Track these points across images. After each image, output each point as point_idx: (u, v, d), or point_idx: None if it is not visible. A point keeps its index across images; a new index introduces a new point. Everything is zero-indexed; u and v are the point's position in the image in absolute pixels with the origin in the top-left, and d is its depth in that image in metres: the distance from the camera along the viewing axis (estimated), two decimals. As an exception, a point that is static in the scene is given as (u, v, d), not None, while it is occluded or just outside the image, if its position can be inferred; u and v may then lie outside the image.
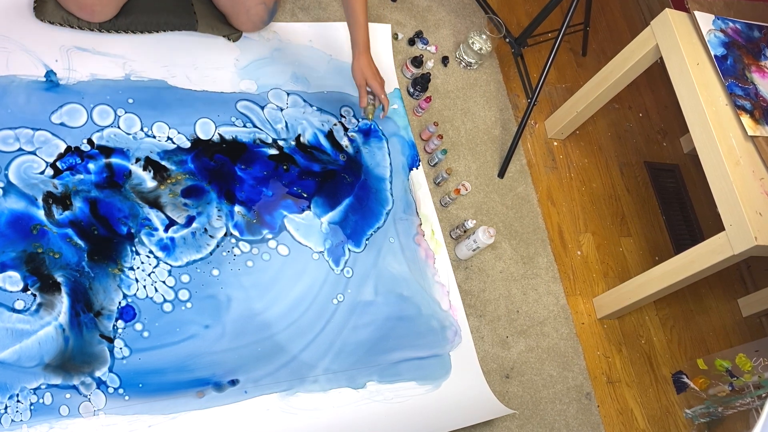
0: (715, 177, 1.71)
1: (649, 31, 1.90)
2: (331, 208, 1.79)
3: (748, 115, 1.78)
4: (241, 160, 1.72)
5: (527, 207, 2.15)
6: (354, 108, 1.95)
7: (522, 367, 1.90)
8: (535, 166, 2.26)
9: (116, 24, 1.68)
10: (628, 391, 2.05)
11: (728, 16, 1.94)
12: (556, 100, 2.43)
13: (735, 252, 1.66)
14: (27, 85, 1.54)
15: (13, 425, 1.28)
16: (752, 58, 1.91)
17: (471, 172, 2.11)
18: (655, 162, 2.53)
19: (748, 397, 1.91)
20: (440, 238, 1.92)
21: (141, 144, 1.62)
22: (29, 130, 1.51)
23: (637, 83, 2.47)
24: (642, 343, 2.16)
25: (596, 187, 2.35)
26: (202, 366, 1.49)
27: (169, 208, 1.59)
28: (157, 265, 1.53)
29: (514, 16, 2.52)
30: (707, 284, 2.36)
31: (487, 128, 2.21)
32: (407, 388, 1.69)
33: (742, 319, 2.38)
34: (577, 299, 2.11)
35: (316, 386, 1.59)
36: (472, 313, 1.89)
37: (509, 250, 2.05)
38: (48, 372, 1.35)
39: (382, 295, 1.75)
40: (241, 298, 1.58)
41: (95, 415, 1.35)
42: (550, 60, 2.10)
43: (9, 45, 1.55)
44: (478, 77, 2.28)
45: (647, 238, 2.36)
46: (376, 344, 1.69)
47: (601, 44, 2.69)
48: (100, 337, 1.41)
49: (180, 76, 1.73)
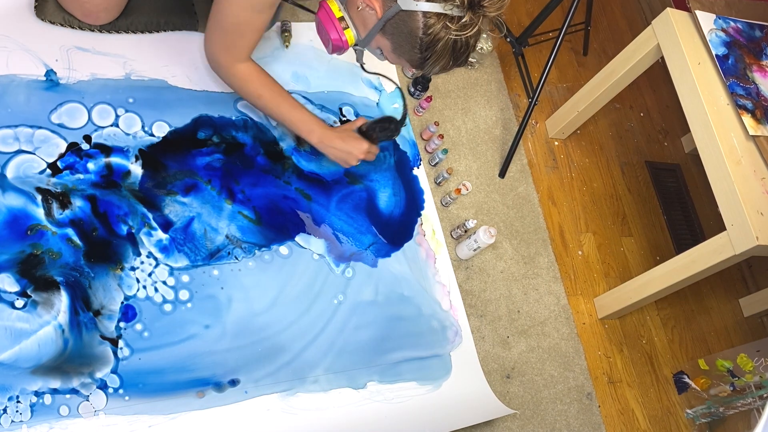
0: (716, 177, 1.71)
1: (650, 30, 1.90)
2: (331, 209, 1.78)
3: (750, 114, 1.78)
4: (242, 159, 1.72)
5: (528, 207, 2.15)
6: (355, 107, 1.95)
7: (523, 367, 1.90)
8: (536, 165, 2.25)
9: (117, 24, 1.68)
10: (629, 391, 2.05)
11: (729, 15, 1.94)
12: (557, 100, 2.42)
13: (736, 252, 1.65)
14: (27, 84, 1.54)
15: (12, 425, 1.28)
16: (753, 58, 1.90)
17: (472, 171, 2.10)
18: (656, 162, 2.53)
19: (750, 397, 1.91)
20: (441, 238, 1.92)
21: (141, 143, 1.62)
22: (29, 129, 1.51)
23: (638, 83, 2.46)
24: (643, 343, 2.15)
25: (597, 186, 2.35)
26: (203, 366, 1.49)
27: (169, 208, 1.59)
28: (156, 265, 1.52)
29: (514, 16, 2.51)
30: (708, 284, 2.35)
31: (488, 128, 2.21)
32: (408, 388, 1.69)
33: (744, 319, 2.38)
34: (578, 299, 2.11)
35: (316, 386, 1.59)
36: (472, 313, 1.89)
37: (510, 249, 2.05)
38: (48, 374, 1.34)
39: (382, 295, 1.75)
40: (242, 298, 1.58)
41: (95, 416, 1.35)
42: (551, 59, 2.10)
43: (9, 44, 1.55)
44: (479, 77, 2.28)
45: (648, 238, 2.35)
46: (376, 344, 1.69)
47: (602, 44, 2.69)
48: (101, 338, 1.41)
49: (180, 75, 1.73)
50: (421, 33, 1.31)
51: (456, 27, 1.29)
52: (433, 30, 1.30)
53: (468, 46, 1.35)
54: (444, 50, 1.32)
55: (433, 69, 1.38)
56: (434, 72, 1.40)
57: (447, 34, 1.30)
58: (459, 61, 1.38)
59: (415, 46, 1.33)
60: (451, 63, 1.37)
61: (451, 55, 1.34)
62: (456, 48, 1.33)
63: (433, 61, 1.35)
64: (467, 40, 1.33)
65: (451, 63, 1.37)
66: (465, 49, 1.35)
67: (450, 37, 1.31)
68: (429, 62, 1.35)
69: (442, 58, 1.34)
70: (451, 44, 1.32)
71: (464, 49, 1.35)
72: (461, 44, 1.33)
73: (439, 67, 1.37)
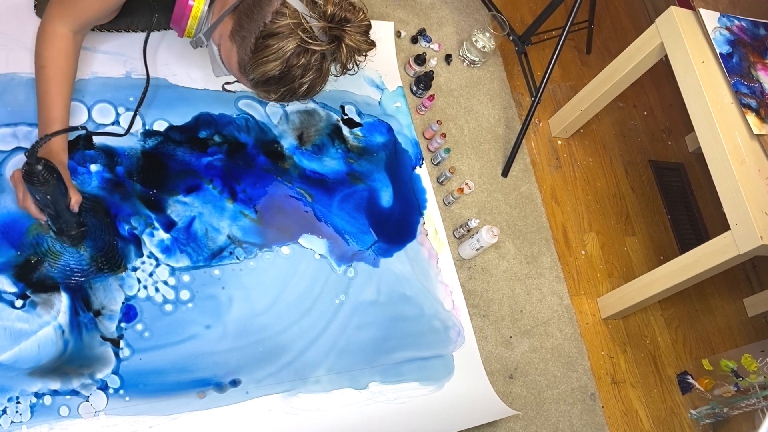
0: (720, 176, 1.70)
1: (653, 28, 1.89)
2: (333, 208, 1.78)
3: (754, 113, 1.77)
4: (243, 158, 1.71)
5: (531, 206, 2.14)
6: (356, 105, 1.94)
7: (526, 368, 1.89)
8: (538, 164, 2.24)
9: (117, 23, 1.67)
10: (633, 391, 2.04)
11: (734, 13, 1.93)
12: (560, 99, 2.41)
13: (740, 252, 1.65)
14: (27, 82, 1.53)
15: (12, 426, 1.28)
16: (758, 56, 1.89)
17: (474, 170, 2.10)
18: (660, 161, 2.52)
19: (754, 397, 1.91)
20: (443, 238, 1.91)
21: (142, 142, 1.61)
22: (28, 128, 1.50)
23: (641, 81, 2.45)
24: (647, 343, 2.14)
25: (600, 186, 2.34)
26: (204, 366, 1.48)
27: (171, 208, 1.58)
28: (157, 265, 1.52)
29: (517, 14, 2.50)
30: (712, 284, 2.35)
31: (491, 127, 2.20)
32: (410, 388, 1.68)
33: (748, 319, 2.37)
34: (582, 299, 2.10)
35: (318, 387, 1.58)
36: (475, 313, 1.88)
37: (513, 249, 2.04)
38: (48, 375, 1.34)
39: (384, 295, 1.74)
40: (243, 298, 1.57)
41: (95, 416, 1.34)
42: (554, 58, 2.09)
43: (9, 43, 1.55)
44: (481, 75, 2.27)
45: (652, 238, 2.34)
46: (378, 344, 1.68)
47: (606, 42, 2.68)
48: (101, 338, 1.40)
49: (181, 74, 1.72)
50: (269, 19, 1.24)
51: (305, 34, 1.23)
52: (280, 21, 1.23)
53: (304, 73, 1.27)
54: (278, 53, 1.24)
55: (256, 72, 1.28)
56: (255, 80, 1.30)
57: (291, 33, 1.23)
58: (285, 86, 1.29)
59: (254, 32, 1.25)
60: (277, 77, 1.27)
61: (282, 64, 1.25)
62: (290, 62, 1.25)
63: (262, 59, 1.26)
64: (307, 63, 1.25)
65: (277, 77, 1.27)
66: (300, 73, 1.27)
67: (291, 42, 1.23)
68: (257, 59, 1.26)
69: (271, 62, 1.25)
70: (289, 52, 1.24)
71: (300, 72, 1.27)
72: (298, 62, 1.25)
73: (262, 73, 1.27)
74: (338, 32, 1.27)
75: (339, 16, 1.25)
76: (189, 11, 1.37)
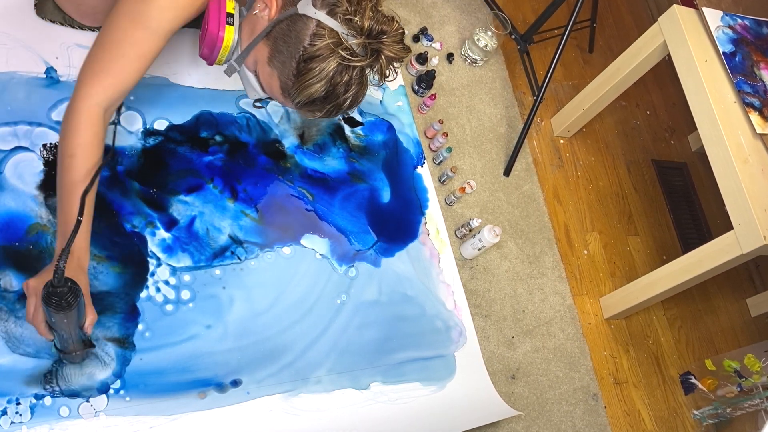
0: (723, 175, 1.69)
1: (656, 27, 1.88)
2: (335, 208, 1.77)
3: (757, 112, 1.76)
4: (244, 158, 1.71)
5: (533, 206, 2.13)
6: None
7: (528, 368, 1.88)
8: (541, 164, 2.24)
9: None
10: (636, 392, 2.03)
11: (737, 12, 1.92)
12: (563, 98, 2.41)
13: (743, 251, 1.64)
14: (27, 81, 1.53)
15: (12, 426, 1.27)
16: (761, 55, 1.88)
17: (476, 170, 2.09)
18: (662, 160, 2.51)
19: (757, 398, 1.90)
20: (445, 237, 1.90)
21: (143, 141, 1.61)
22: (28, 126, 1.50)
23: (644, 80, 2.44)
24: (649, 343, 2.14)
25: (603, 185, 2.33)
26: (204, 366, 1.47)
27: (171, 207, 1.58)
28: (158, 264, 1.51)
29: (519, 13, 2.50)
30: (715, 284, 2.34)
31: (493, 126, 2.19)
32: (411, 388, 1.67)
33: (751, 319, 2.36)
34: (584, 299, 2.09)
35: (319, 387, 1.58)
36: (477, 313, 1.87)
37: (515, 249, 2.03)
38: (48, 376, 1.33)
39: (386, 295, 1.73)
40: (244, 298, 1.57)
41: (96, 417, 1.34)
42: (556, 57, 2.08)
43: (9, 42, 1.54)
44: (483, 74, 2.26)
45: (655, 237, 2.34)
46: (380, 345, 1.68)
47: (608, 41, 2.67)
48: (104, 339, 1.40)
49: (182, 73, 1.72)
50: (307, 42, 1.22)
51: (345, 52, 1.22)
52: (319, 43, 1.22)
53: (347, 89, 1.26)
54: (321, 75, 1.23)
55: (301, 95, 1.26)
56: (301, 103, 1.29)
57: (332, 54, 1.22)
58: (330, 103, 1.28)
59: (294, 56, 1.24)
60: (322, 97, 1.26)
61: (326, 84, 1.24)
62: (334, 80, 1.24)
63: (306, 82, 1.24)
64: (349, 79, 1.25)
65: (322, 97, 1.26)
66: (344, 90, 1.26)
67: (332, 61, 1.22)
68: (301, 83, 1.25)
69: (315, 84, 1.24)
70: (332, 71, 1.23)
71: (343, 89, 1.26)
72: (341, 80, 1.24)
73: (307, 95, 1.26)
74: (377, 45, 1.26)
75: (376, 29, 1.25)
76: (221, 43, 1.35)
